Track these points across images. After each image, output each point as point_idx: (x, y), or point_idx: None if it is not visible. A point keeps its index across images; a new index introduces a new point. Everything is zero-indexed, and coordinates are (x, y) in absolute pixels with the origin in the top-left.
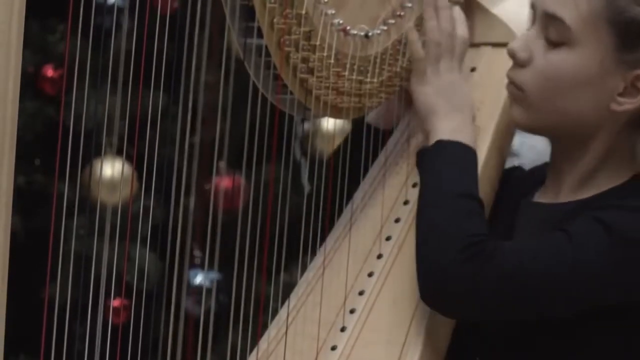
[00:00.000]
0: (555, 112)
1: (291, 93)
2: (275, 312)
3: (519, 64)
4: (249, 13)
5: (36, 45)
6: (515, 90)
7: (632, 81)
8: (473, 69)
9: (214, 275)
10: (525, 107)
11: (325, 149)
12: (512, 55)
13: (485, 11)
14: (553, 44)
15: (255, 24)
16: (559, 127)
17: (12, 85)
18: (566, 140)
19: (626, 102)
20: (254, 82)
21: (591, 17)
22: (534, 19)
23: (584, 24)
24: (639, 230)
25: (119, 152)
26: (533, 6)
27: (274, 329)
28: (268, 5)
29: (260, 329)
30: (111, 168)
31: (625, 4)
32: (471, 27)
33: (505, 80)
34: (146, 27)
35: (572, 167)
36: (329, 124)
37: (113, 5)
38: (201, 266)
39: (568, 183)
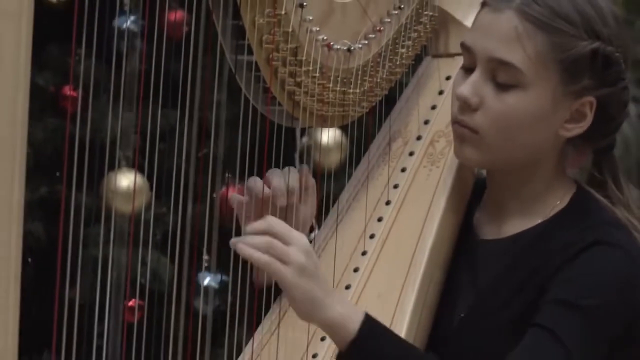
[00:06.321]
0: (510, 148)
1: (280, 104)
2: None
3: (471, 109)
4: (239, 32)
5: (57, 67)
6: (469, 133)
7: (578, 108)
8: (448, 78)
9: (222, 277)
10: (479, 147)
11: (323, 159)
12: (463, 100)
13: (458, 23)
14: (503, 87)
15: (246, 42)
16: (511, 159)
17: (21, 104)
18: (515, 170)
19: (575, 128)
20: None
21: (539, 58)
22: (472, 62)
23: (533, 66)
24: (610, 304)
25: (133, 165)
26: (469, 50)
27: (267, 322)
28: (257, 24)
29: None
30: (126, 179)
31: (569, 42)
32: (446, 39)
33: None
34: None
35: (515, 194)
36: (327, 136)
37: (128, 30)
38: (209, 269)
39: (511, 211)
